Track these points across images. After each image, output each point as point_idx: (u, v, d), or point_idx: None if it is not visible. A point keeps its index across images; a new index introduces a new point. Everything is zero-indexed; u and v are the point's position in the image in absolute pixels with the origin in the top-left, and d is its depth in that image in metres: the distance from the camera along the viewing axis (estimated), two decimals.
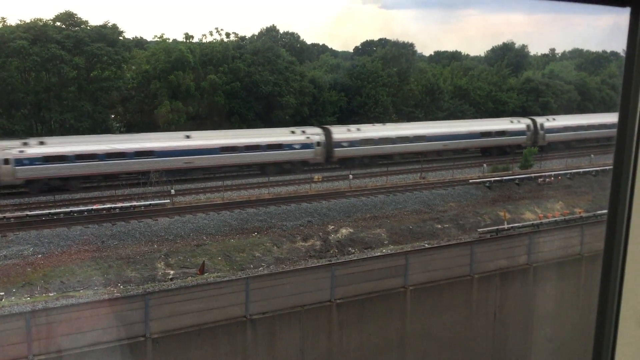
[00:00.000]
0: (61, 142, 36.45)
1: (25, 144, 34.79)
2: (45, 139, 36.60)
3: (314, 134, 43.29)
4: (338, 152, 43.67)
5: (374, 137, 45.12)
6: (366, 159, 44.90)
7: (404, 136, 46.32)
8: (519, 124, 52.53)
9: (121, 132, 47.07)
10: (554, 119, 54.27)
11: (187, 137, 39.44)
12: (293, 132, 43.06)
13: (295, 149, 41.94)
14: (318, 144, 42.90)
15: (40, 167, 34.39)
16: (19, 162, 33.91)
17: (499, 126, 51.94)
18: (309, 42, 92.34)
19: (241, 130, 44.92)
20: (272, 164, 41.23)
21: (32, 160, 34.19)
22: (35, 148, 34.70)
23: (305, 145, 42.23)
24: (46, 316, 16.46)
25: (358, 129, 45.58)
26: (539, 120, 53.72)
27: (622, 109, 2.25)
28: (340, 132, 44.35)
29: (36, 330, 15.13)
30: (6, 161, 33.78)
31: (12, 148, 34.25)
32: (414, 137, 46.43)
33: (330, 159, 43.89)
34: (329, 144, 43.55)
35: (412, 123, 52.42)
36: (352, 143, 44.18)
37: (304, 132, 43.26)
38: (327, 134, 43.76)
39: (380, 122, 49.65)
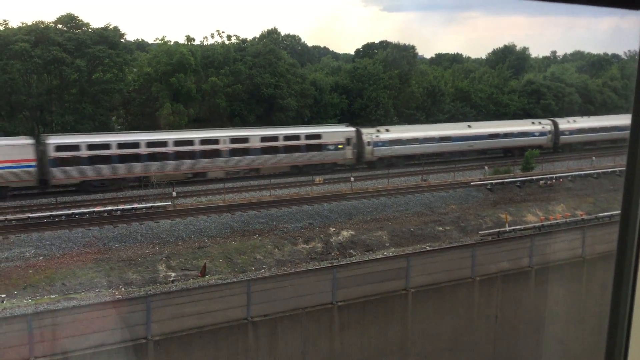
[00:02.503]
0: (399, 130, 48.18)
1: (378, 130, 46.35)
2: (389, 127, 48.19)
3: (546, 124, 54.44)
4: (563, 139, 54.71)
5: (585, 127, 55.53)
6: (579, 145, 54.81)
7: (606, 127, 55.60)
8: None
9: None
10: None
11: (469, 126, 51.13)
12: (533, 123, 54.38)
13: (535, 136, 53.44)
14: (549, 132, 53.98)
15: (387, 148, 46.00)
16: (376, 144, 45.59)
17: None
18: (310, 44, 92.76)
19: (500, 122, 55.82)
20: (519, 147, 51.33)
21: (383, 143, 45.80)
22: (384, 134, 46.19)
23: (541, 134, 53.68)
24: (48, 318, 16.45)
25: (574, 121, 56.02)
26: None
27: (635, 111, 2.24)
28: (563, 123, 55.11)
29: (38, 333, 15.12)
30: (369, 143, 45.28)
31: (371, 134, 45.57)
32: (610, 127, 55.18)
33: (557, 145, 54.65)
34: (557, 133, 54.48)
35: (609, 116, 59.79)
36: (572, 132, 55.15)
37: (540, 122, 54.53)
38: (555, 125, 54.60)
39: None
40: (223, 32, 65.14)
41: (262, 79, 50.41)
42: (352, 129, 45.90)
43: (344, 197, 35.26)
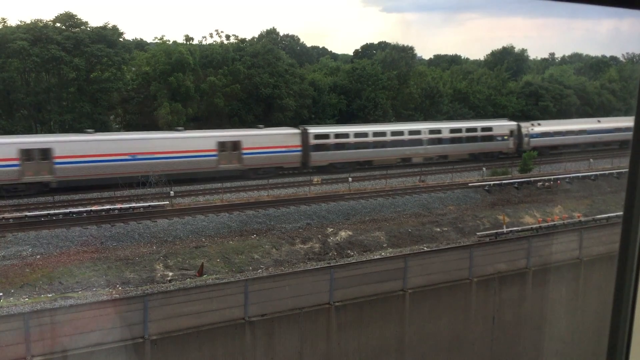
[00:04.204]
0: (546, 124, 55.14)
1: (532, 124, 53.96)
2: (541, 122, 55.46)
3: None
4: None
5: None
6: None
7: None
8: None
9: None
10: None
11: (599, 121, 57.49)
12: None
13: None
14: None
15: (539, 139, 52.76)
16: (531, 136, 52.78)
17: None
18: (308, 44, 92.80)
19: (618, 117, 60.86)
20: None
21: (537, 135, 53.11)
22: (537, 127, 53.79)
23: None
24: (45, 317, 16.43)
25: None
26: None
27: (638, 113, 2.25)
28: None
29: (34, 331, 15.11)
30: (526, 135, 52.69)
31: (527, 127, 53.04)
32: None
33: None
34: None
35: None
36: None
37: None
38: None
39: None
40: (222, 31, 65.18)
41: (260, 78, 50.39)
42: (514, 123, 53.47)
43: (342, 197, 35.26)
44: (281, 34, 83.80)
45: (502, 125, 52.60)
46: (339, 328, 18.97)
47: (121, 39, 48.10)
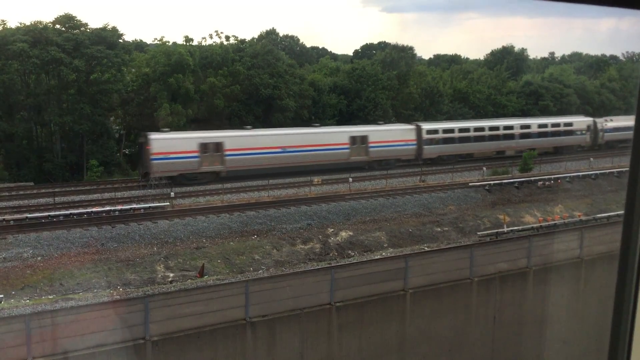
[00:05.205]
0: (616, 119, 57.27)
1: (605, 120, 57.25)
2: (612, 118, 58.22)
3: None
4: None
5: None
6: None
7: None
8: None
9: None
10: None
11: None
12: None
13: None
14: None
15: (612, 134, 55.91)
16: (605, 130, 56.37)
17: None
18: (308, 45, 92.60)
19: None
20: None
21: (610, 130, 56.28)
22: (609, 123, 56.67)
23: None
24: (46, 319, 16.43)
25: None
26: None
27: (639, 112, 2.25)
28: None
29: (36, 333, 15.10)
30: (601, 130, 56.34)
31: (601, 123, 56.59)
32: None
33: None
34: None
35: None
36: None
37: None
38: None
39: None
40: (221, 32, 64.80)
41: (260, 79, 50.35)
42: (591, 118, 57.41)
43: (342, 197, 35.26)
44: (281, 34, 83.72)
45: (581, 121, 56.55)
46: (340, 328, 18.96)
47: (121, 41, 48.02)
